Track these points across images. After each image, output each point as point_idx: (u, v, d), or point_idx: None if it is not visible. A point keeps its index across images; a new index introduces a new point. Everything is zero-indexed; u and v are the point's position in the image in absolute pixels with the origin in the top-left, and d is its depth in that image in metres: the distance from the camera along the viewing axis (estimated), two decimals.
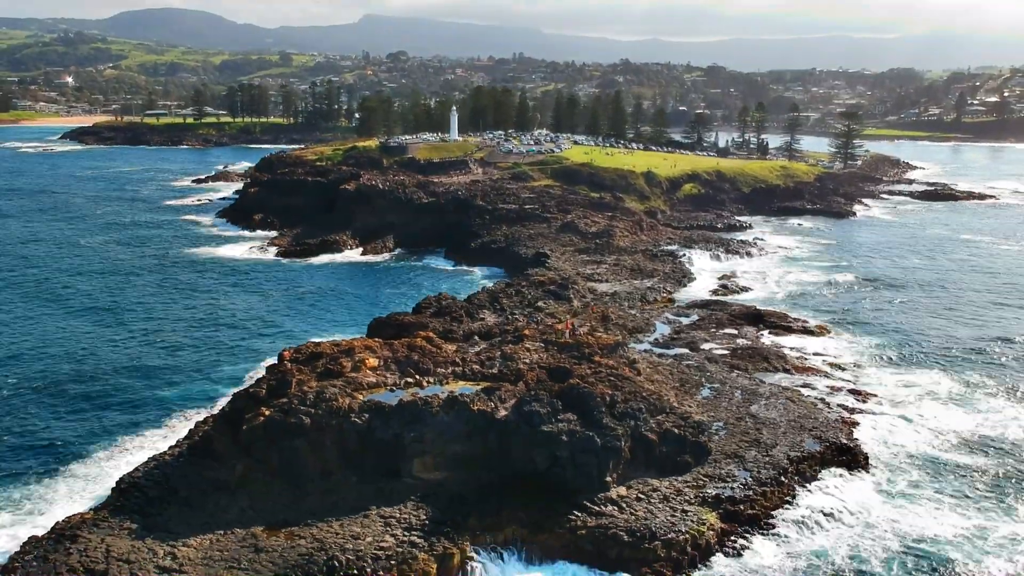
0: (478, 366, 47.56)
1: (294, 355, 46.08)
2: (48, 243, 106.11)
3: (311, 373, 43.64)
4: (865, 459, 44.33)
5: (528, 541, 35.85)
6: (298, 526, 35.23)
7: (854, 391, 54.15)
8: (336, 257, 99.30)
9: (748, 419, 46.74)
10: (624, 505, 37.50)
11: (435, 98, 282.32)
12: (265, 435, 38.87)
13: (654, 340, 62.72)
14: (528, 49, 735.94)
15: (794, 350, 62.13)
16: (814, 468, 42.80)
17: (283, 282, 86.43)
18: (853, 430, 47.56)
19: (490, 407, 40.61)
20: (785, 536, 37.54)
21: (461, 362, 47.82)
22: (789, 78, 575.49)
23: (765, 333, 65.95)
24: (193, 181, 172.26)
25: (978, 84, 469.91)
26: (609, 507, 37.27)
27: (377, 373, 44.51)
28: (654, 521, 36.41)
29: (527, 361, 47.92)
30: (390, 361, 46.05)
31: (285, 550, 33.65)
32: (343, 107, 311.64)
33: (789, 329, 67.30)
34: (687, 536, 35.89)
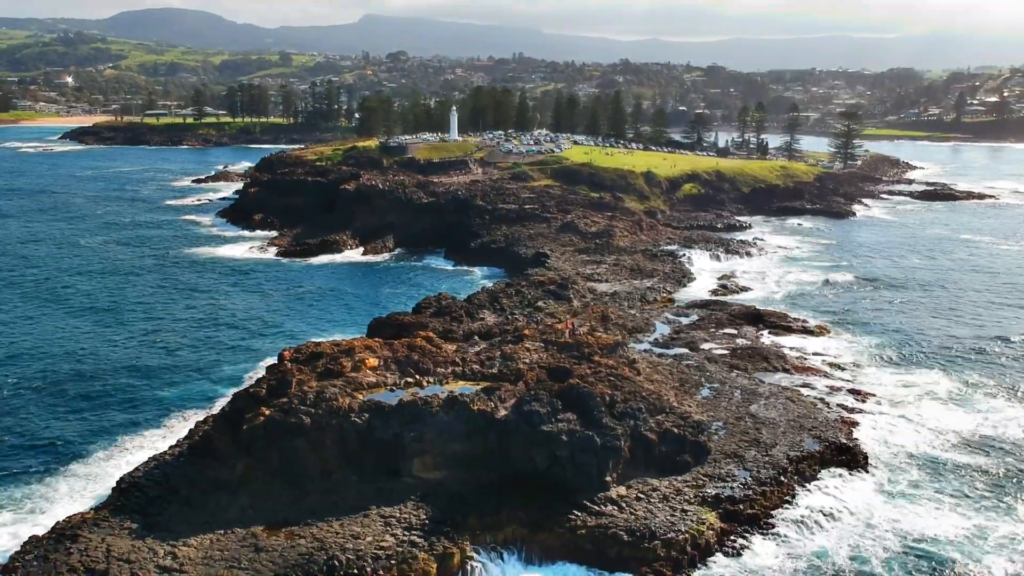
0: (478, 366, 47.60)
1: (294, 355, 46.14)
2: (48, 243, 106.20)
3: (311, 373, 43.69)
4: (864, 459, 44.38)
5: (528, 541, 35.91)
6: (298, 526, 35.29)
7: (854, 391, 54.19)
8: (336, 257, 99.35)
9: (748, 419, 46.79)
10: (624, 505, 37.56)
11: (435, 98, 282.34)
12: (265, 435, 38.93)
13: (654, 340, 62.78)
14: (528, 49, 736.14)
15: (794, 350, 62.18)
16: (813, 468, 42.85)
17: (283, 282, 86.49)
18: (853, 430, 47.61)
19: (490, 407, 40.66)
20: (785, 536, 37.58)
21: (461, 362, 47.86)
22: (789, 78, 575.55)
23: (765, 333, 66.00)
24: (193, 181, 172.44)
25: (978, 84, 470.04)
26: (609, 507, 37.33)
27: (377, 373, 44.56)
28: (654, 521, 36.47)
29: (527, 361, 47.96)
30: (390, 361, 46.11)
31: (285, 549, 33.72)
32: (343, 107, 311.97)
33: (789, 329, 67.34)
34: (687, 536, 35.95)
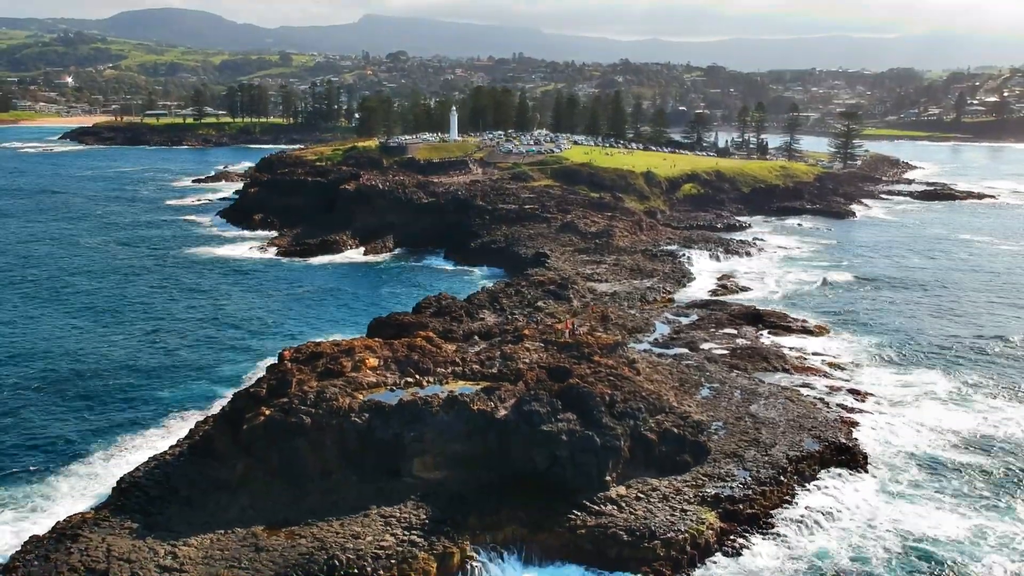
0: (478, 366, 47.63)
1: (294, 355, 46.18)
2: (48, 243, 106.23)
3: (311, 373, 43.74)
4: (864, 459, 44.41)
5: (528, 540, 35.94)
6: (298, 525, 35.32)
7: (853, 391, 54.23)
8: (336, 257, 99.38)
9: (747, 419, 46.82)
10: (623, 504, 37.59)
11: (435, 98, 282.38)
12: (265, 435, 38.97)
13: (654, 340, 62.82)
14: (528, 49, 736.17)
15: (793, 350, 62.22)
16: (813, 468, 42.87)
17: (283, 282, 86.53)
18: (852, 430, 47.63)
19: (490, 407, 40.69)
20: (784, 535, 37.59)
21: (461, 362, 47.89)
22: (789, 78, 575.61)
23: (764, 333, 66.03)
24: (193, 181, 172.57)
25: (978, 84, 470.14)
26: (608, 506, 37.36)
27: (377, 373, 44.60)
28: (653, 520, 36.49)
29: (527, 361, 47.99)
30: (390, 361, 46.14)
31: (286, 549, 33.75)
32: (343, 107, 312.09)
33: (788, 329, 67.37)
34: (686, 535, 35.97)
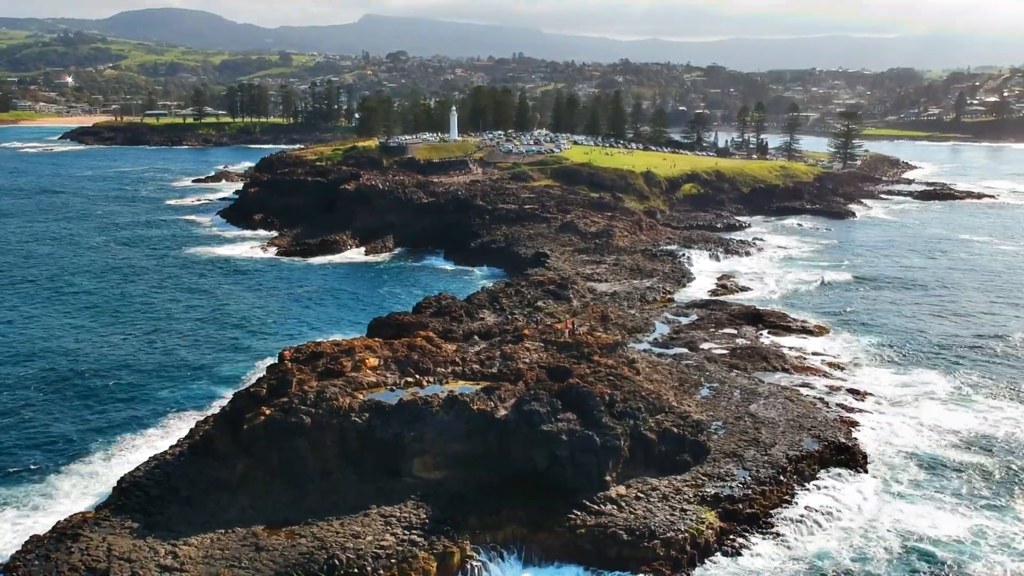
0: (478, 366, 47.66)
1: (294, 355, 46.23)
2: (48, 243, 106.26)
3: (311, 373, 43.78)
4: (864, 458, 44.44)
5: (528, 540, 35.98)
6: (299, 525, 35.36)
7: (853, 390, 54.27)
8: (336, 257, 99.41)
9: (747, 418, 46.87)
10: (623, 504, 37.62)
11: (435, 98, 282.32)
12: (266, 434, 39.00)
13: (653, 340, 62.87)
14: (528, 49, 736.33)
15: (793, 350, 62.26)
16: (813, 467, 42.91)
17: (283, 282, 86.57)
18: (852, 429, 47.68)
19: (490, 406, 40.73)
20: (784, 535, 37.62)
21: (461, 362, 47.93)
22: (789, 78, 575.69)
23: (764, 333, 66.08)
24: (193, 181, 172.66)
25: (977, 84, 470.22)
26: (608, 506, 37.40)
27: (377, 373, 44.64)
28: (653, 520, 36.53)
29: (527, 361, 48.03)
30: (390, 361, 46.19)
31: (286, 549, 33.79)
32: (343, 107, 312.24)
33: (788, 329, 67.41)
34: (686, 535, 36.01)
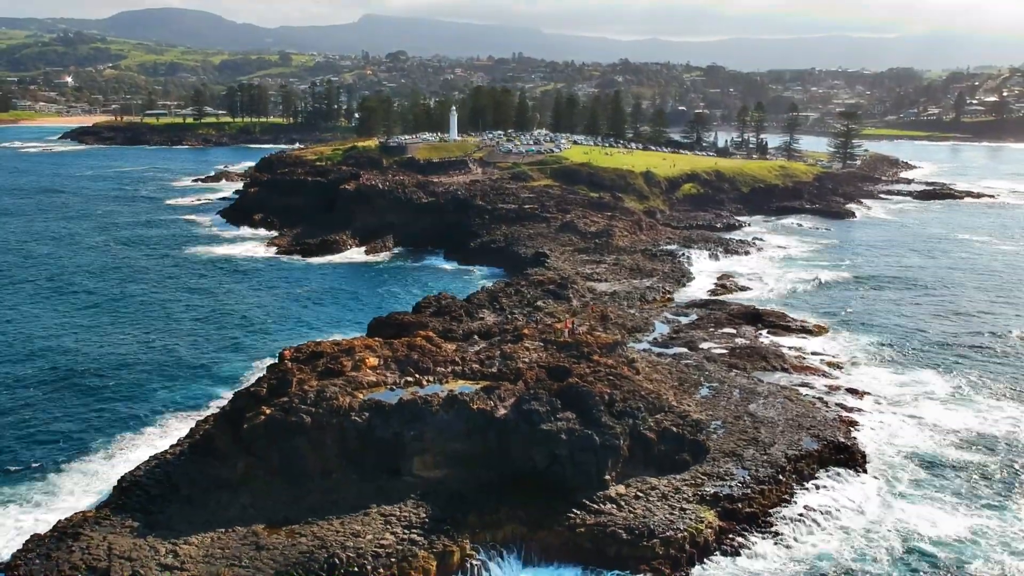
0: (478, 365, 47.75)
1: (295, 354, 46.30)
2: (49, 242, 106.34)
3: (312, 372, 43.86)
4: (863, 458, 44.52)
5: (527, 539, 36.06)
6: (299, 524, 35.43)
7: (852, 390, 54.34)
8: (336, 257, 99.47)
9: (746, 418, 46.94)
10: (623, 503, 37.70)
11: (435, 98, 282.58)
12: (266, 434, 39.08)
13: (653, 339, 62.94)
14: (528, 49, 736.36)
15: (792, 349, 62.34)
16: (812, 467, 42.98)
17: (283, 282, 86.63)
18: (851, 429, 47.75)
19: (489, 406, 40.80)
20: (783, 534, 37.69)
21: (461, 361, 48.01)
22: (788, 78, 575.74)
23: (764, 332, 66.15)
24: (193, 181, 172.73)
25: (977, 84, 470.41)
26: (608, 505, 37.47)
27: (377, 372, 44.72)
28: (652, 519, 36.61)
29: (526, 360, 48.11)
30: (390, 360, 46.26)
31: (286, 548, 33.86)
32: (343, 107, 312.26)
33: (787, 328, 67.48)
34: (685, 534, 36.09)
